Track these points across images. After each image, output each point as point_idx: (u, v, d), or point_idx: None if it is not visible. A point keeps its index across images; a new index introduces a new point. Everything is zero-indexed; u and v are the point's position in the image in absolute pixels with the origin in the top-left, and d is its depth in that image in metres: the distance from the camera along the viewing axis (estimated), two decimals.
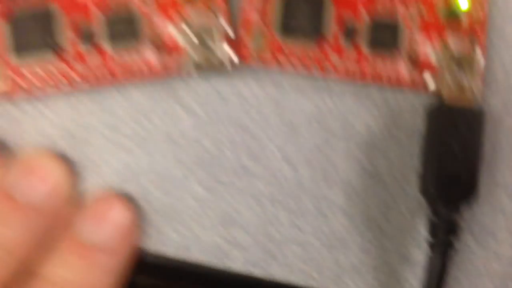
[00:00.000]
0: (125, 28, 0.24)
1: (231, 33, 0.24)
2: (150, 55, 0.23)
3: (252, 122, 0.24)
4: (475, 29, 0.25)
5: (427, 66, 0.24)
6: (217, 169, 0.24)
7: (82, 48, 0.24)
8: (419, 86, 0.24)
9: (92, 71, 0.23)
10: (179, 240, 0.24)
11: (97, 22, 0.24)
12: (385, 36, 0.24)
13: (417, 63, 0.24)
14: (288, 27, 0.24)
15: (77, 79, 0.24)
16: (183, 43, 0.23)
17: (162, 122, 0.24)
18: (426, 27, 0.25)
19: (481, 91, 0.24)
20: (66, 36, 0.24)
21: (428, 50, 0.24)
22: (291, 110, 0.24)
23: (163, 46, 0.24)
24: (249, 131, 0.24)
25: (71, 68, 0.24)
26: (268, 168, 0.24)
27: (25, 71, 0.24)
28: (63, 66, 0.24)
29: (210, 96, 0.24)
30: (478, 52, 0.24)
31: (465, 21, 0.25)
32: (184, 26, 0.24)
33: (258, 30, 0.24)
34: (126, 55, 0.24)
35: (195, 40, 0.23)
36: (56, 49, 0.23)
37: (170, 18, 0.24)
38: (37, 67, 0.24)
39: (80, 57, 0.24)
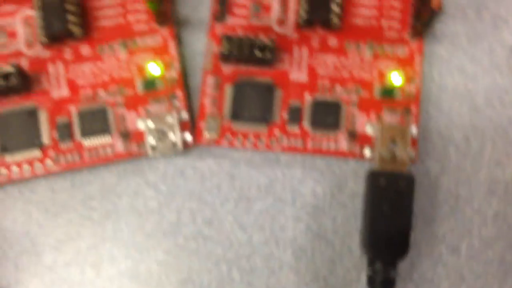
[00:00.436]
0: (97, 122, 0.28)
1: (186, 119, 0.28)
2: (118, 143, 0.28)
3: (208, 193, 0.28)
4: (408, 103, 0.28)
5: (364, 138, 0.28)
6: (177, 235, 0.28)
7: (61, 142, 0.28)
8: (358, 155, 0.28)
9: (69, 160, 0.28)
10: None
11: (74, 118, 0.28)
12: (326, 114, 0.28)
13: (355, 136, 0.28)
14: (238, 113, 0.28)
15: (56, 167, 0.27)
16: (144, 130, 0.28)
17: (128, 197, 0.28)
18: (363, 104, 0.28)
19: (414, 157, 0.27)
20: (48, 134, 0.28)
21: (365, 124, 0.28)
22: (244, 181, 0.28)
23: (128, 135, 0.28)
24: (205, 201, 0.28)
25: (51, 159, 0.28)
26: (223, 233, 0.28)
27: (12, 165, 0.28)
28: (45, 158, 0.28)
29: (171, 173, 0.28)
30: (411, 122, 0.28)
31: (399, 96, 0.28)
32: (145, 116, 0.28)
33: (212, 116, 0.28)
34: (98, 144, 0.28)
35: (153, 127, 0.28)
36: (40, 146, 0.28)
37: (135, 110, 0.28)
38: (23, 161, 0.27)
39: (60, 150, 0.28)
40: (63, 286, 0.27)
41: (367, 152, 0.27)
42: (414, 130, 0.27)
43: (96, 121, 0.27)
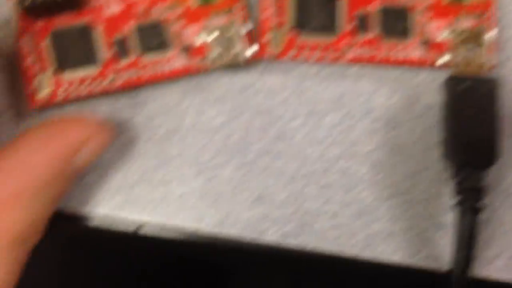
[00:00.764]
0: (155, 37, 0.26)
1: (249, 30, 0.26)
2: (177, 58, 0.26)
3: (276, 108, 0.26)
4: (485, 5, 0.27)
5: (438, 45, 0.26)
6: (246, 152, 0.26)
7: (118, 59, 0.26)
8: (431, 63, 0.26)
9: (127, 77, 0.26)
10: (215, 217, 0.26)
11: (130, 33, 0.26)
12: (396, 21, 0.26)
13: (428, 43, 0.26)
14: (302, 22, 0.26)
15: (114, 85, 0.26)
16: (205, 43, 0.26)
17: (193, 114, 0.26)
18: (436, 8, 0.27)
19: (493, 62, 0.26)
20: (104, 51, 0.26)
21: (438, 29, 0.26)
22: (312, 95, 0.27)
23: (188, 49, 0.26)
24: (273, 116, 0.26)
25: (109, 76, 0.26)
26: (294, 148, 0.26)
27: (66, 82, 0.26)
28: (103, 75, 0.26)
29: (235, 89, 0.26)
30: (487, 24, 0.26)
31: None
32: (206, 29, 0.26)
33: (276, 29, 0.27)
34: (157, 60, 0.26)
35: (215, 39, 0.26)
36: (97, 63, 0.26)
37: (195, 23, 0.27)
38: (78, 78, 0.26)
39: (117, 67, 0.26)
40: (132, 207, 0.25)
41: (441, 59, 0.26)
42: (492, 33, 0.26)
43: (154, 36, 0.26)
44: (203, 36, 0.26)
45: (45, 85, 0.26)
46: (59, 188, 0.23)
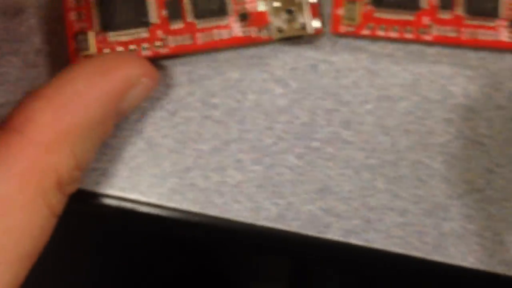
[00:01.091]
0: (212, 1, 0.24)
1: (314, 1, 0.23)
2: (236, 25, 0.23)
3: (345, 90, 0.24)
4: None
5: None
6: (311, 138, 0.24)
7: (171, 22, 0.24)
8: None
9: (180, 41, 0.23)
10: (276, 210, 0.24)
11: None
12: (483, 1, 0.24)
13: None
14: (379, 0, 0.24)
15: (165, 49, 0.23)
16: (268, 12, 0.23)
17: (252, 93, 0.24)
18: None
19: None
20: (156, 12, 0.24)
21: None
22: (384, 77, 0.24)
23: (248, 16, 0.23)
24: (341, 99, 0.24)
25: (160, 39, 0.24)
26: (363, 136, 0.24)
27: (111, 43, 0.24)
28: (153, 38, 0.24)
29: (301, 67, 0.24)
30: None
31: None
32: None
33: (350, 3, 0.24)
34: (212, 25, 0.24)
35: (278, 7, 0.23)
36: (147, 25, 0.23)
37: None
38: (128, 41, 0.24)
39: (169, 31, 0.24)
40: (185, 193, 0.23)
41: None
42: None
43: (211, 0, 0.23)
44: (264, 4, 0.23)
45: (89, 45, 0.23)
46: (105, 130, 0.21)
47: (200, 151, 0.24)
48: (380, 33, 0.24)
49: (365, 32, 0.24)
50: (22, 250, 0.19)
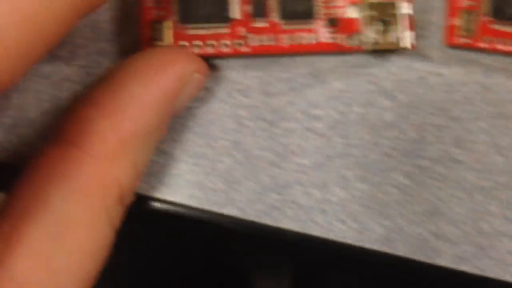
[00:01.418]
0: (299, 2, 0.22)
1: (410, 13, 0.22)
2: (322, 30, 0.22)
3: (457, 106, 0.22)
4: None
5: None
6: (420, 156, 0.22)
7: (254, 20, 0.22)
8: None
9: (263, 43, 0.22)
10: (382, 233, 0.22)
11: None
12: None
13: None
14: (499, 11, 0.22)
15: (248, 49, 0.22)
16: (360, 20, 0.22)
17: (357, 105, 0.22)
18: None
19: None
20: (238, 8, 0.22)
21: None
22: (498, 93, 0.22)
23: (338, 23, 0.22)
24: (453, 115, 0.22)
25: (241, 37, 0.22)
26: (476, 155, 0.22)
27: (189, 36, 0.22)
28: (234, 35, 0.22)
29: (410, 80, 0.22)
30: None
31: None
32: (363, 5, 0.22)
33: (467, 13, 0.22)
34: (298, 28, 0.22)
35: (372, 15, 0.22)
36: (228, 21, 0.22)
37: None
38: (211, 37, 0.22)
39: (252, 29, 0.22)
40: (286, 210, 0.22)
41: None
42: None
43: (298, 1, 0.21)
44: (356, 11, 0.21)
45: (164, 35, 0.22)
46: (161, 132, 0.19)
47: (302, 165, 0.22)
48: (499, 46, 0.22)
49: (483, 45, 0.22)
50: (85, 272, 0.17)
